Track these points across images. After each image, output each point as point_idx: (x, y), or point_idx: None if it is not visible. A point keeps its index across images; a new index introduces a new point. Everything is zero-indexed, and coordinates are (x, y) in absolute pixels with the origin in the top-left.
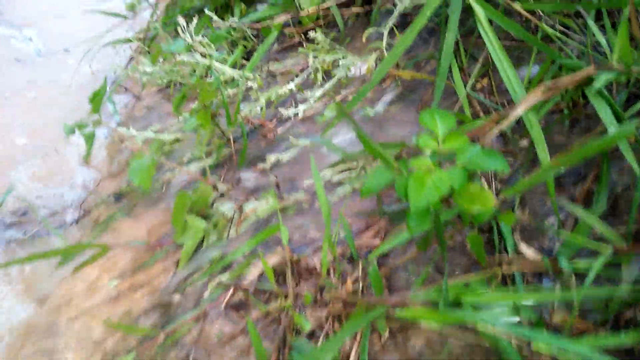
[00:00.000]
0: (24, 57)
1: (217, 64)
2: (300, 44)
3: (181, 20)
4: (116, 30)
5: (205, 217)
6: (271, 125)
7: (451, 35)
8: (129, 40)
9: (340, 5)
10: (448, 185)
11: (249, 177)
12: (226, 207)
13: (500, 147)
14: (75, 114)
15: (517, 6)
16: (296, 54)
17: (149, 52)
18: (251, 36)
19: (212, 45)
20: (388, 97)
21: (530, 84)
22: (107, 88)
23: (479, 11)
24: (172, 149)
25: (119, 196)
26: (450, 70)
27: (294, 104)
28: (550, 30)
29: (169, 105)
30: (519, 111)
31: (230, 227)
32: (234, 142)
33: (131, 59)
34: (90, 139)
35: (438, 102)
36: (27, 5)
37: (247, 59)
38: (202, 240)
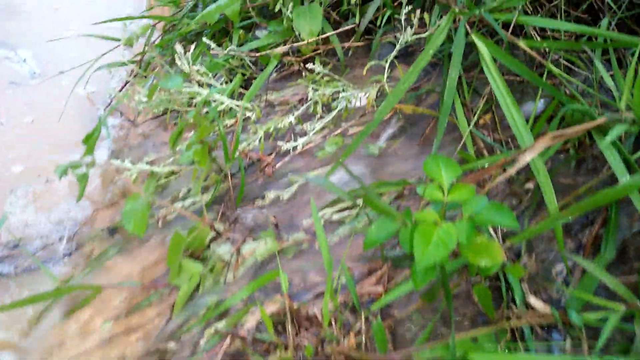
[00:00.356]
0: (18, 79)
1: (215, 94)
2: (299, 72)
3: (178, 48)
4: (112, 53)
5: (202, 258)
6: (270, 160)
7: (454, 72)
8: (123, 64)
9: (340, 35)
10: (455, 239)
11: (247, 215)
12: (223, 250)
13: (504, 188)
14: (71, 138)
15: (522, 44)
16: (295, 83)
17: (145, 77)
18: (250, 64)
19: (210, 74)
20: (389, 131)
21: (535, 123)
22: (103, 111)
23: (484, 50)
24: (168, 182)
25: (112, 230)
26: (453, 106)
27: (293, 137)
28: (556, 70)
29: (165, 134)
30: (526, 158)
31: (227, 271)
32: (232, 176)
33: (127, 82)
34: (83, 180)
35: (440, 137)
36: (22, 27)
37: (245, 88)
38: (198, 285)
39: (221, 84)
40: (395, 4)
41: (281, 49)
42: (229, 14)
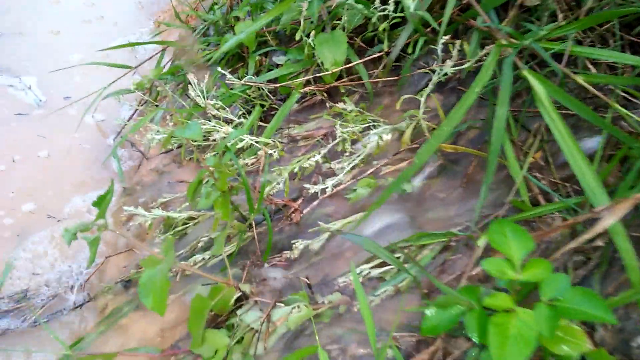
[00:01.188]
0: (24, 109)
1: (232, 131)
2: (322, 102)
3: (191, 77)
4: (120, 80)
5: (227, 325)
6: (296, 205)
7: (502, 110)
8: (131, 91)
9: (366, 63)
10: (536, 334)
11: (275, 274)
12: (252, 317)
13: (567, 241)
14: (81, 174)
15: (581, 79)
16: (318, 115)
17: (156, 105)
18: (268, 94)
19: (226, 107)
20: (427, 170)
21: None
22: (113, 142)
23: (539, 89)
24: (186, 229)
25: (127, 283)
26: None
27: (320, 178)
28: (616, 107)
29: (180, 171)
30: (605, 224)
31: (257, 342)
32: (256, 225)
33: (136, 111)
34: (94, 245)
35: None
36: (24, 51)
37: (264, 120)
38: (225, 358)
39: (238, 117)
40: (427, 29)
41: (302, 79)
42: (244, 39)
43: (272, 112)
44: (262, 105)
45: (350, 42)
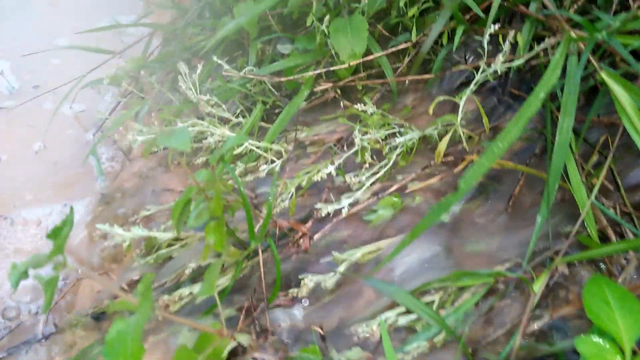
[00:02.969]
0: None
1: (229, 133)
2: (335, 100)
3: (182, 67)
4: (103, 66)
5: None
6: (305, 229)
7: (568, 122)
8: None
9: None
10: None
11: (280, 320)
12: None
13: None
14: (56, 175)
15: None
16: (330, 115)
17: (142, 97)
18: (272, 89)
19: (222, 104)
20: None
21: None
22: (92, 136)
23: (624, 97)
24: (171, 252)
25: (98, 317)
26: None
27: (332, 194)
28: None
29: (166, 177)
30: None
31: None
32: (256, 253)
33: (119, 103)
34: (49, 288)
35: (533, 200)
36: (1, 34)
37: (267, 120)
38: None
39: (236, 115)
40: (467, 16)
41: (313, 73)
42: (244, 23)
43: (276, 111)
44: (265, 102)
45: (370, 29)
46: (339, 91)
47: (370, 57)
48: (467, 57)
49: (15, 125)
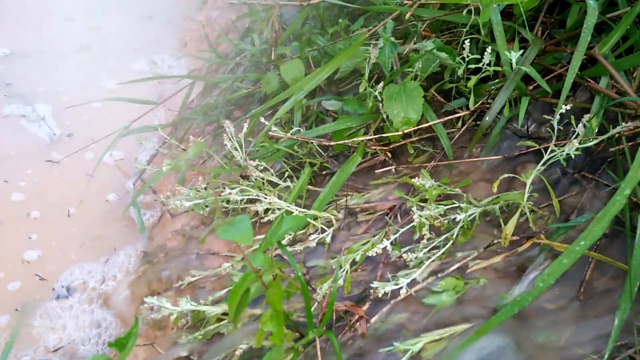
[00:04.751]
0: (36, 147)
1: (279, 202)
2: (384, 162)
3: (228, 125)
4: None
5: None
6: (362, 312)
7: None
8: (155, 129)
9: (443, 117)
10: None
11: None
12: None
13: None
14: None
15: None
16: (381, 179)
17: (183, 149)
18: (319, 150)
19: (269, 169)
20: (533, 274)
21: None
22: (132, 185)
23: None
24: (219, 327)
25: None
26: None
27: (386, 269)
28: None
29: (211, 238)
30: None
31: None
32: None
33: (157, 152)
34: None
35: (606, 286)
36: (41, 75)
37: (314, 181)
38: None
39: (284, 178)
40: (531, 87)
41: (364, 139)
42: (289, 80)
43: (324, 172)
44: (312, 164)
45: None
46: (389, 154)
47: (426, 125)
48: (528, 128)
49: (58, 177)
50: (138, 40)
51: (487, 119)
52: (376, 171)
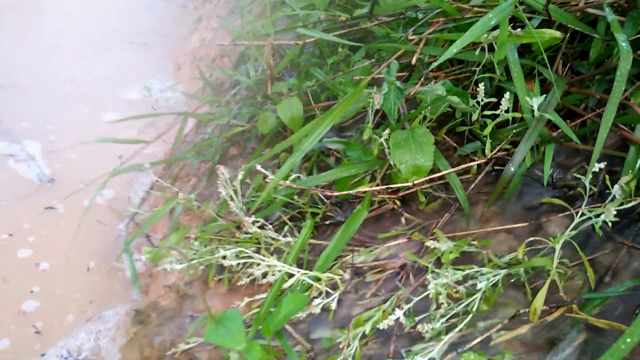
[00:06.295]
0: (25, 188)
1: (278, 264)
2: (393, 212)
3: (222, 171)
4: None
5: None
6: None
7: None
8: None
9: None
10: None
11: None
12: None
13: None
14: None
15: None
16: (391, 233)
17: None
18: (322, 198)
19: (267, 224)
20: (566, 352)
21: None
22: (124, 227)
23: None
24: None
25: None
26: None
27: (400, 347)
28: None
29: (208, 294)
30: None
31: None
32: None
33: (148, 194)
34: None
35: None
36: (30, 111)
37: (316, 232)
38: None
39: (283, 233)
40: (554, 132)
41: (370, 189)
42: (287, 120)
43: (327, 222)
44: (314, 214)
45: (433, 133)
46: (398, 202)
47: (437, 175)
48: (553, 175)
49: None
50: (129, 66)
51: (510, 169)
52: (385, 223)
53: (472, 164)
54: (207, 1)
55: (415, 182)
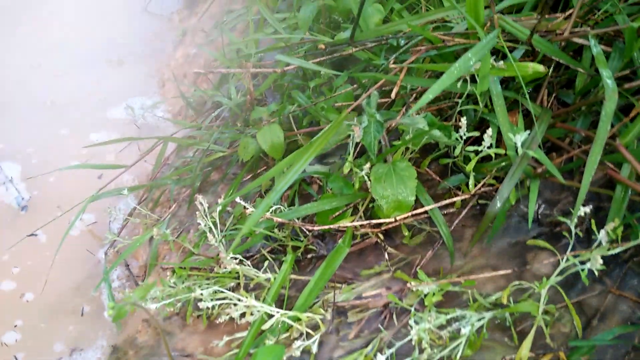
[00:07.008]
0: (4, 213)
1: (256, 304)
2: (376, 245)
3: (200, 201)
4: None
5: None
6: None
7: None
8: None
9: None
10: None
11: None
12: None
13: None
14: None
15: None
16: (374, 270)
17: (158, 219)
18: (303, 230)
19: (247, 261)
20: None
21: None
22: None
23: None
24: None
25: None
26: None
27: None
28: None
29: (185, 335)
30: None
31: None
32: None
33: (127, 222)
34: None
35: None
36: (10, 129)
37: (298, 269)
38: None
39: (263, 268)
40: (540, 169)
41: (351, 224)
42: (267, 148)
43: (309, 255)
44: (295, 248)
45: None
46: (381, 236)
47: (420, 211)
48: (538, 211)
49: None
50: (113, 84)
51: (496, 205)
52: (368, 257)
53: (455, 199)
54: (192, 14)
55: (397, 217)
